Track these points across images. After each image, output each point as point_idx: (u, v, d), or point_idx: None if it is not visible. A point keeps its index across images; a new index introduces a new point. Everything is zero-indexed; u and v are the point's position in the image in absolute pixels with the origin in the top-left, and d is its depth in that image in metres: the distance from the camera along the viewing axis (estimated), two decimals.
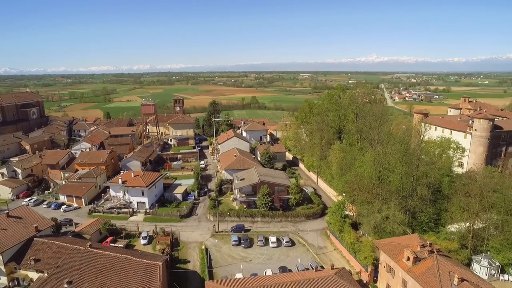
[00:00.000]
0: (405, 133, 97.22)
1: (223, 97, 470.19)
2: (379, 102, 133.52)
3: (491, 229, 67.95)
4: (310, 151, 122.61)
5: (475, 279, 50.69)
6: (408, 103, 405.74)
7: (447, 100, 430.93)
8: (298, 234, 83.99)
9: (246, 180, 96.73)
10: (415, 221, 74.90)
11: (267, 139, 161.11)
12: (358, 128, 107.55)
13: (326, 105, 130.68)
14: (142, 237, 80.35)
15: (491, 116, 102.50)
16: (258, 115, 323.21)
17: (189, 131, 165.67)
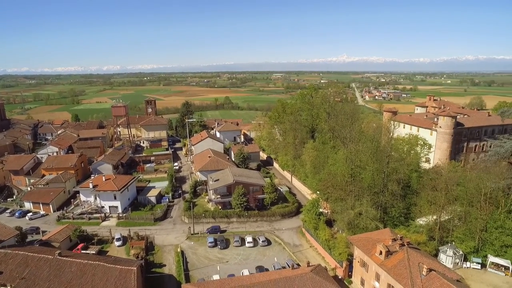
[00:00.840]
0: (375, 131, 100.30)
1: (196, 98, 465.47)
2: (350, 101, 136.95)
3: (455, 220, 71.45)
4: (284, 151, 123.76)
5: (441, 268, 53.26)
6: (378, 102, 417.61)
7: (414, 99, 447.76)
8: (274, 233, 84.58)
9: (220, 181, 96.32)
10: (386, 216, 77.42)
11: (241, 139, 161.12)
12: (331, 127, 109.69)
13: (299, 105, 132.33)
14: (116, 238, 78.79)
15: (453, 114, 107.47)
16: (231, 116, 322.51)
17: (162, 132, 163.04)
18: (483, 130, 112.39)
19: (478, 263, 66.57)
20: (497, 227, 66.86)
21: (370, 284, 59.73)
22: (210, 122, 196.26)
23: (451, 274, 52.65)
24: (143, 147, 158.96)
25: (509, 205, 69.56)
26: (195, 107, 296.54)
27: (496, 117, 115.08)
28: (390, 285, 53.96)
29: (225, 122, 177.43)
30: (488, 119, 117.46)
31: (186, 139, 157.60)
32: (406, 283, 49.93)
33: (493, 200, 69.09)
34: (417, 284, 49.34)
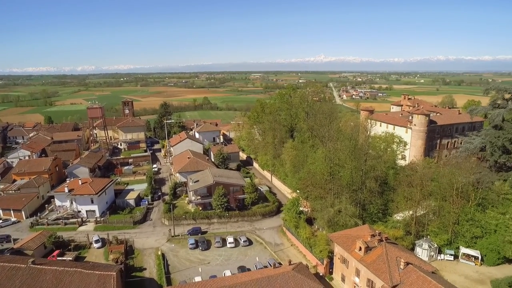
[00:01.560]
0: (353, 130, 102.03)
1: (174, 99, 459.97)
2: (328, 101, 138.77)
3: (430, 215, 73.95)
4: (263, 150, 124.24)
5: (418, 261, 55.00)
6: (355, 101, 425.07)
7: (390, 98, 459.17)
8: (255, 233, 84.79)
9: (200, 181, 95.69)
10: (365, 213, 79.06)
11: (221, 140, 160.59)
12: (309, 126, 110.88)
13: (277, 105, 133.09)
14: (94, 240, 77.37)
15: (427, 112, 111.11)
16: (210, 116, 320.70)
17: (140, 134, 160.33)
18: (454, 127, 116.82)
19: (451, 254, 69.37)
20: (467, 220, 69.77)
21: (351, 279, 60.91)
22: (189, 123, 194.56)
23: (427, 266, 54.45)
24: (121, 149, 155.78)
25: (478, 198, 72.66)
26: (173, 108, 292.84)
27: (465, 115, 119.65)
28: (370, 280, 55.21)
29: (204, 123, 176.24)
30: (459, 117, 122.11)
31: (164, 140, 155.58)
32: (385, 277, 51.24)
33: (464, 194, 71.95)
34: (395, 277, 50.73)
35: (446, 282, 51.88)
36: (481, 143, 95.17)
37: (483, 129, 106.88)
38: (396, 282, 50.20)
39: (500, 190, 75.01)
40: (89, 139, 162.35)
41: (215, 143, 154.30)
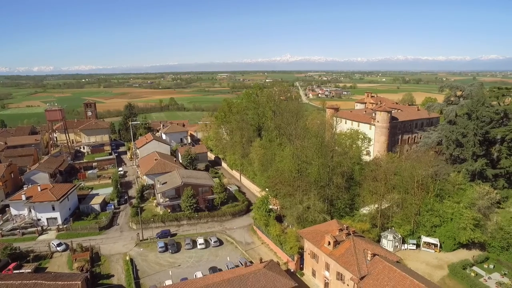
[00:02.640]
0: (319, 127, 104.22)
1: (139, 100, 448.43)
2: (294, 99, 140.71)
3: (394, 207, 77.26)
4: (231, 150, 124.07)
5: (383, 252, 57.24)
6: (321, 99, 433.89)
7: (354, 96, 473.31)
8: (225, 233, 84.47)
9: (168, 183, 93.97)
10: (333, 208, 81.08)
11: (188, 141, 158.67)
12: (277, 125, 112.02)
13: (245, 104, 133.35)
14: (56, 244, 74.59)
15: (389, 109, 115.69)
16: (177, 117, 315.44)
17: (104, 136, 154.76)
18: (414, 123, 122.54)
19: (413, 244, 72.94)
20: (427, 210, 73.74)
21: (321, 274, 62.24)
22: (155, 124, 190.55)
23: (392, 256, 56.79)
24: (84, 152, 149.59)
25: (437, 189, 76.90)
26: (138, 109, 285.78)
27: (424, 111, 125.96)
28: (339, 273, 56.70)
29: (171, 124, 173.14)
30: (418, 113, 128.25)
31: (130, 142, 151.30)
32: (353, 270, 52.84)
33: (424, 186, 75.91)
34: (363, 269, 52.48)
35: (409, 270, 54.43)
36: (438, 137, 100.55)
37: (439, 124, 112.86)
38: (364, 273, 51.95)
39: (455, 181, 79.84)
40: (48, 143, 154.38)
41: (183, 144, 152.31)
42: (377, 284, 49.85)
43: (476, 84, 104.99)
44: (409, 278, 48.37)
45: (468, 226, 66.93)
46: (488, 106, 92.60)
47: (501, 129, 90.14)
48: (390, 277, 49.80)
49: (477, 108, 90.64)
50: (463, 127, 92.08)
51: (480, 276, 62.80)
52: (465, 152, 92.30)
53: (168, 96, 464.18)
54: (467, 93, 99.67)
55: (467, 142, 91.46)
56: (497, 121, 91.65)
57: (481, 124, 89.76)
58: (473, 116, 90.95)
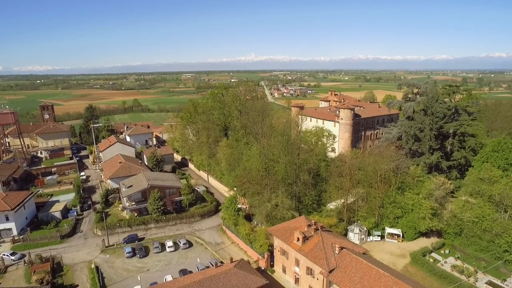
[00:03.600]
0: (285, 126, 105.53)
1: (101, 101, 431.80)
2: (260, 99, 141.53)
3: (359, 201, 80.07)
4: (198, 150, 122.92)
5: (350, 245, 59.12)
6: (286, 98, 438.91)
7: (318, 94, 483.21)
8: (195, 234, 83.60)
9: (134, 186, 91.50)
10: (301, 205, 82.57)
11: (154, 142, 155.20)
12: (243, 124, 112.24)
13: (210, 104, 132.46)
14: (10, 254, 70.98)
15: (352, 106, 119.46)
16: (142, 118, 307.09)
17: (63, 140, 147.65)
18: (375, 119, 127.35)
19: (378, 235, 76.09)
20: (390, 203, 77.28)
21: (291, 270, 63.26)
22: (119, 126, 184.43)
23: (359, 248, 58.84)
24: (42, 158, 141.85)
25: (398, 182, 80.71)
26: (100, 111, 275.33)
27: (384, 108, 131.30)
28: (309, 267, 57.93)
29: (135, 126, 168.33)
30: (379, 110, 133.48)
31: (92, 145, 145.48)
32: (322, 264, 54.20)
33: (387, 179, 79.35)
34: (331, 262, 53.96)
35: (375, 261, 56.69)
36: (398, 133, 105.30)
37: (399, 120, 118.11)
38: (333, 266, 53.46)
39: (414, 174, 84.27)
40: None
41: (148, 146, 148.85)
42: (345, 276, 51.50)
43: (430, 82, 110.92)
44: (375, 268, 50.39)
45: (427, 216, 70.98)
46: (441, 103, 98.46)
47: (453, 124, 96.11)
48: (357, 269, 51.62)
49: (432, 105, 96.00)
50: (420, 123, 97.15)
51: (438, 261, 66.83)
52: (423, 146, 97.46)
53: (132, 97, 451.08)
54: (423, 90, 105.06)
55: (424, 136, 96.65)
56: (449, 116, 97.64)
57: (436, 119, 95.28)
58: (429, 112, 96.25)
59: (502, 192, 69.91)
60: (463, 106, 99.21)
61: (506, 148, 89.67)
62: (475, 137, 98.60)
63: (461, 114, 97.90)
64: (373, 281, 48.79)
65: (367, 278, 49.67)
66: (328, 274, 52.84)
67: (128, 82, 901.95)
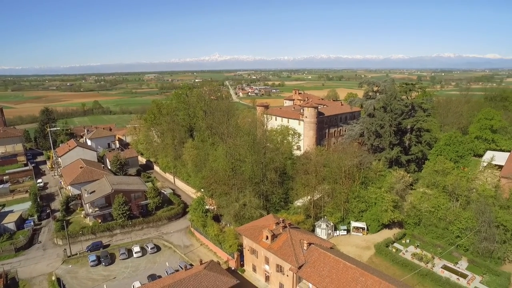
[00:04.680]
0: (251, 125, 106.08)
1: (58, 104, 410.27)
2: (225, 98, 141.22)
3: (325, 197, 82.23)
4: (163, 152, 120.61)
5: (318, 240, 60.57)
6: (251, 98, 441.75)
7: (283, 93, 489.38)
8: (162, 238, 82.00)
9: (97, 192, 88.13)
10: (268, 203, 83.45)
11: (116, 145, 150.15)
12: (208, 125, 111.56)
13: (174, 105, 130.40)
14: None
15: (315, 105, 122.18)
16: (103, 121, 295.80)
17: (16, 146, 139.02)
18: (339, 117, 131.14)
19: (344, 229, 78.62)
20: (355, 197, 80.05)
21: (261, 268, 63.79)
22: (79, 130, 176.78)
23: (326, 243, 60.42)
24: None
25: (362, 177, 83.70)
26: (58, 114, 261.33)
27: (347, 106, 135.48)
28: (279, 265, 58.70)
29: (96, 129, 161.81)
30: (342, 108, 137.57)
31: (50, 150, 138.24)
32: (291, 260, 55.12)
33: (351, 175, 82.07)
34: (300, 259, 55.01)
35: (342, 254, 58.54)
36: (360, 129, 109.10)
37: (361, 117, 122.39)
38: (302, 262, 54.54)
39: (376, 169, 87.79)
40: None
41: (111, 149, 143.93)
42: (314, 271, 52.73)
43: (389, 81, 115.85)
44: (342, 262, 52.03)
45: (389, 208, 74.39)
46: (399, 100, 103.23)
47: (410, 120, 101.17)
48: (325, 263, 53.03)
49: (390, 102, 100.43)
50: (381, 119, 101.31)
51: (400, 251, 70.24)
52: (383, 141, 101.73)
53: (92, 99, 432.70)
54: (382, 88, 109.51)
55: (384, 132, 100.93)
56: (406, 113, 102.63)
57: (395, 116, 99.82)
58: (388, 109, 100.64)
59: (454, 183, 74.68)
60: (418, 103, 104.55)
61: (456, 141, 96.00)
62: (430, 132, 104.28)
63: (417, 110, 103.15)
64: (341, 274, 50.39)
65: (335, 271, 51.19)
66: (297, 270, 53.87)
67: (87, 83, 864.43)
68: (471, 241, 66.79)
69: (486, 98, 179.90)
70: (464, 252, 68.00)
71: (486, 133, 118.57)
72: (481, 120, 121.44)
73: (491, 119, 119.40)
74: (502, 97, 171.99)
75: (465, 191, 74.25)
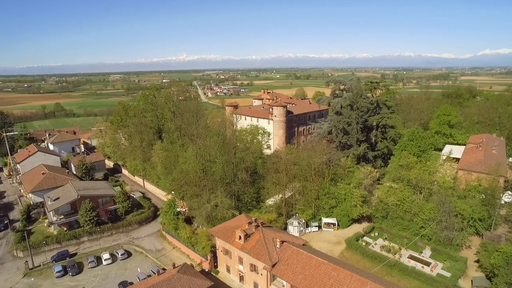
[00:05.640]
0: (220, 125, 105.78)
1: (15, 106, 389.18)
2: (194, 99, 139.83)
3: (296, 195, 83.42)
4: (132, 155, 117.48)
5: (291, 238, 61.41)
6: (220, 98, 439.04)
7: (252, 93, 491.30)
8: (133, 243, 79.86)
9: (62, 198, 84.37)
10: (240, 203, 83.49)
11: (81, 149, 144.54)
12: (177, 126, 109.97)
13: (142, 106, 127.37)
14: None
15: (284, 104, 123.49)
16: (66, 124, 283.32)
17: None
18: (307, 115, 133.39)
19: (316, 226, 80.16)
20: (325, 194, 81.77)
21: (235, 268, 63.74)
22: (40, 134, 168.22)
23: (298, 241, 61.39)
24: None
25: (331, 174, 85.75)
26: (15, 117, 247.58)
27: (315, 105, 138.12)
28: (253, 264, 58.91)
29: (59, 132, 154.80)
30: (310, 106, 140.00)
31: (7, 157, 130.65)
32: (265, 259, 55.49)
33: (320, 172, 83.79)
34: (273, 257, 55.51)
35: (314, 250, 59.71)
36: (328, 127, 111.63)
37: (328, 115, 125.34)
38: (275, 260, 55.05)
39: (345, 165, 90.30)
40: None
41: (75, 153, 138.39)
42: (288, 269, 53.41)
43: (354, 79, 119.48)
44: (315, 258, 53.07)
45: (358, 203, 76.77)
46: (365, 98, 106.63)
47: (376, 117, 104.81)
48: (298, 260, 53.85)
49: (357, 100, 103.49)
50: (348, 117, 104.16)
51: (369, 244, 72.65)
52: (351, 138, 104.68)
53: (53, 101, 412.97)
54: (348, 87, 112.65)
55: (351, 130, 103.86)
56: (372, 110, 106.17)
57: (361, 113, 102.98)
58: (355, 107, 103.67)
59: (417, 176, 78.25)
60: (383, 100, 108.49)
61: (418, 137, 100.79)
62: (395, 128, 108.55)
63: (382, 108, 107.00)
64: (314, 270, 51.38)
65: (308, 267, 52.12)
66: (271, 268, 54.32)
67: (47, 84, 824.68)
68: (433, 230, 70.31)
69: (443, 95, 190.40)
70: (428, 242, 71.44)
71: (444, 128, 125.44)
72: (440, 116, 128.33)
73: (449, 115, 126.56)
74: (457, 94, 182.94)
75: (427, 184, 78.08)
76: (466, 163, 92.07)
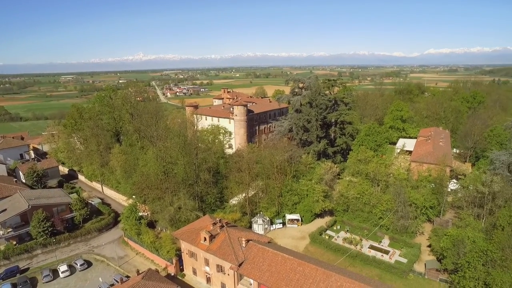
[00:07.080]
0: (181, 126, 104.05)
1: None
2: (152, 100, 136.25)
3: (260, 193, 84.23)
4: (88, 160, 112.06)
5: (256, 236, 61.99)
6: (179, 98, 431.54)
7: (212, 92, 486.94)
8: (93, 252, 76.33)
9: (9, 210, 78.64)
10: (204, 204, 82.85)
11: (31, 156, 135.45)
12: (136, 128, 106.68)
13: (97, 108, 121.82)
14: None
15: (245, 103, 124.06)
16: (12, 129, 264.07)
17: None
18: (268, 114, 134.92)
19: (280, 223, 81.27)
20: (288, 191, 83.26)
21: (202, 270, 63.12)
22: None
23: (263, 238, 62.03)
24: None
25: (293, 171, 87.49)
26: None
27: (275, 103, 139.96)
28: (219, 265, 58.64)
29: (4, 138, 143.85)
30: (270, 105, 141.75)
31: None
32: (231, 259, 55.46)
33: (283, 170, 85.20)
34: (239, 256, 55.65)
35: (279, 247, 60.67)
36: (289, 125, 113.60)
37: (289, 113, 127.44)
38: (241, 260, 55.22)
39: (306, 162, 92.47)
40: None
41: (24, 160, 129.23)
42: (254, 267, 53.80)
43: (313, 77, 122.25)
44: (280, 254, 53.91)
45: (320, 198, 78.95)
46: (323, 95, 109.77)
47: (334, 114, 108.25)
48: (264, 258, 54.42)
49: (315, 98, 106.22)
50: (307, 114, 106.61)
51: (332, 237, 75.11)
52: (311, 135, 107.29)
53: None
54: (307, 85, 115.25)
55: (311, 127, 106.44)
56: (330, 107, 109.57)
57: (320, 110, 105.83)
58: (314, 105, 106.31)
59: (375, 170, 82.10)
60: (340, 97, 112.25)
61: (374, 132, 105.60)
62: (352, 124, 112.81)
63: (340, 104, 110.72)
64: (280, 266, 52.20)
65: (274, 264, 52.83)
66: (238, 268, 54.43)
67: None
68: (391, 220, 74.13)
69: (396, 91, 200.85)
70: (386, 231, 75.19)
71: (397, 123, 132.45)
72: (393, 112, 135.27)
73: (401, 110, 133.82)
74: (408, 90, 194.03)
75: (384, 176, 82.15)
76: (418, 155, 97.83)
